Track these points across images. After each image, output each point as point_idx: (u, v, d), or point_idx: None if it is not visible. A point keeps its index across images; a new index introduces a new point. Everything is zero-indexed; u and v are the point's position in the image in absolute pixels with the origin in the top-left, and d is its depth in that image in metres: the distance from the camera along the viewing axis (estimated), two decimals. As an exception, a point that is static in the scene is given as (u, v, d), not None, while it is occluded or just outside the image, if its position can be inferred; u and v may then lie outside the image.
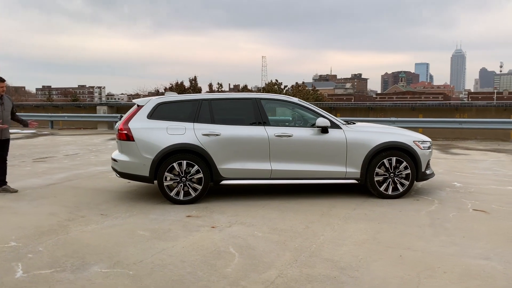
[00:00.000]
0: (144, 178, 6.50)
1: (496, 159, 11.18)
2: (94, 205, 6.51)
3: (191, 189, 6.47)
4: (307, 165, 6.66)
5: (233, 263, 4.25)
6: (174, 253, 4.53)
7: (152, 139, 6.45)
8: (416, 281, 3.86)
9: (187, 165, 6.42)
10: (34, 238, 4.99)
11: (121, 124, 6.55)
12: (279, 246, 4.73)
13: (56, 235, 5.11)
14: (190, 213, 6.03)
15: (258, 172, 6.60)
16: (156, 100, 6.75)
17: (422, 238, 4.97)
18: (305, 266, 4.18)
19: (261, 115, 6.72)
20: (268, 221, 5.62)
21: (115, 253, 4.52)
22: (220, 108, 6.79)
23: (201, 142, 6.44)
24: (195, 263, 4.25)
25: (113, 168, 6.78)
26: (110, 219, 5.76)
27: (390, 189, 6.76)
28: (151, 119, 6.59)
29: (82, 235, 5.12)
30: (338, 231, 5.22)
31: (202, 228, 5.38)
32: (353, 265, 4.19)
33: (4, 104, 7.22)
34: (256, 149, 6.56)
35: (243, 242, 4.84)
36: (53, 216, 5.92)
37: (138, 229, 5.34)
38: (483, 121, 14.29)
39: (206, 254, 4.50)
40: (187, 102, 6.82)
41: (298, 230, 5.27)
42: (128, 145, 6.48)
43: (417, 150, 6.81)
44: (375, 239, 4.94)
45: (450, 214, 5.94)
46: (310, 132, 6.71)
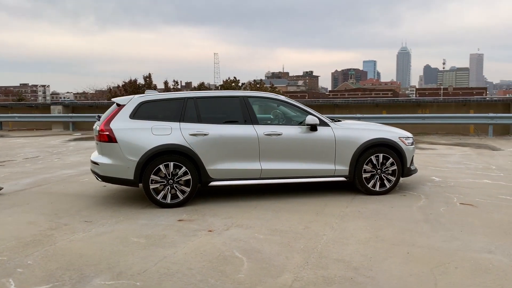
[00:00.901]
0: (128, 181, 6.18)
1: (463, 153, 11.55)
2: (74, 211, 6.13)
3: (179, 191, 6.22)
4: (297, 163, 6.56)
5: (244, 268, 4.08)
6: (178, 260, 4.30)
7: (137, 140, 6.13)
8: (432, 278, 3.84)
9: (174, 166, 6.16)
10: (19, 251, 4.60)
11: (101, 125, 6.19)
12: (284, 248, 4.59)
13: (42, 246, 4.73)
14: (180, 217, 5.78)
15: (247, 172, 6.43)
16: (138, 98, 6.43)
17: (423, 234, 4.99)
18: (318, 268, 4.07)
19: (249, 113, 6.55)
20: (265, 222, 5.48)
21: (114, 263, 4.23)
22: (206, 107, 6.56)
23: (189, 143, 6.20)
24: (203, 270, 4.04)
25: (94, 171, 6.40)
26: (96, 226, 5.41)
27: (377, 186, 6.79)
28: (134, 119, 6.27)
29: (72, 245, 4.78)
30: (339, 230, 5.15)
31: (198, 232, 5.16)
32: (365, 265, 4.12)
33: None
34: (246, 149, 6.39)
35: (246, 246, 4.67)
36: (33, 225, 5.51)
37: (130, 236, 5.05)
38: (445, 116, 14.77)
39: (211, 259, 4.30)
40: (171, 100, 6.54)
41: (298, 231, 5.16)
42: (110, 147, 6.13)
43: (403, 146, 6.88)
44: (378, 237, 4.90)
45: (440, 209, 6.02)
46: (299, 130, 6.61)
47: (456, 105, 16.58)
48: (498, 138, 14.67)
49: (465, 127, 15.51)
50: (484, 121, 14.47)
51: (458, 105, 16.52)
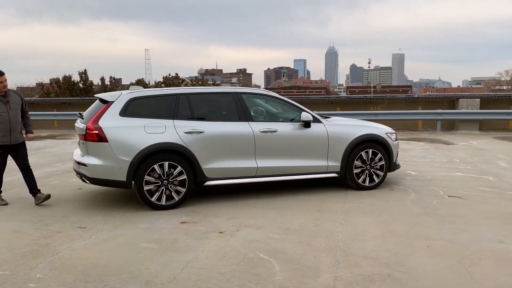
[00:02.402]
0: (120, 183, 5.79)
1: (421, 148, 12.06)
2: (60, 217, 5.65)
3: (174, 192, 5.92)
4: (291, 160, 6.49)
5: (276, 270, 3.94)
6: (203, 265, 4.07)
7: (129, 139, 5.76)
8: (464, 270, 3.92)
9: (169, 166, 5.86)
10: (19, 264, 4.14)
11: (89, 123, 5.74)
12: (307, 247, 4.50)
13: (44, 257, 4.30)
14: (181, 219, 5.51)
15: (243, 170, 6.26)
16: (128, 95, 6.03)
17: (431, 228, 5.11)
18: (351, 266, 4.03)
19: (244, 110, 6.38)
20: (272, 222, 5.36)
21: (135, 272, 3.93)
22: (199, 103, 6.30)
23: (184, 141, 5.92)
24: (236, 274, 3.86)
25: (80, 173, 5.92)
26: (95, 233, 5.02)
27: (367, 181, 6.88)
28: (125, 116, 5.88)
29: (77, 254, 4.38)
30: (350, 226, 5.15)
31: (209, 234, 4.94)
32: (394, 261, 4.14)
33: (10, 103, 6.00)
34: (242, 147, 6.22)
35: (266, 246, 4.53)
36: (21, 234, 5.01)
37: (138, 241, 4.73)
38: (397, 113, 15.37)
39: (239, 263, 4.12)
40: (163, 97, 6.20)
41: (310, 228, 5.09)
42: (100, 146, 5.71)
43: (390, 142, 7.03)
44: (391, 232, 4.95)
45: (433, 202, 6.21)
46: (293, 127, 6.54)
47: (406, 102, 17.32)
48: (446, 132, 15.51)
49: (414, 123, 16.25)
50: (433, 117, 15.24)
51: (407, 102, 17.26)
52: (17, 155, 6.16)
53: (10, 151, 6.11)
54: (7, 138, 5.97)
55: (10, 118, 5.96)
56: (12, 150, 6.12)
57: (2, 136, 5.93)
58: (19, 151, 6.15)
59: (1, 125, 5.90)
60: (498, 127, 15.88)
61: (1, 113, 5.92)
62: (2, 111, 5.92)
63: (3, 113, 5.92)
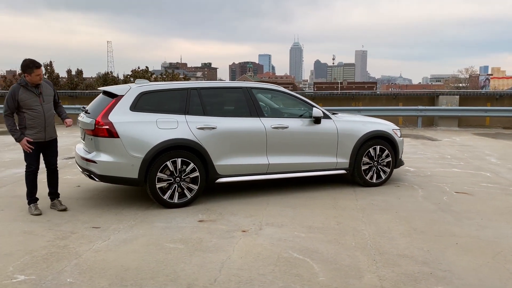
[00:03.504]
0: (132, 180, 5.55)
1: (409, 144, 12.21)
2: (68, 217, 5.37)
3: (186, 190, 5.74)
4: (302, 157, 6.41)
5: (317, 271, 3.86)
6: (240, 266, 3.94)
7: (141, 135, 5.52)
8: (501, 267, 3.95)
9: (181, 163, 5.66)
10: (43, 267, 3.89)
11: (99, 118, 5.46)
12: (338, 246, 4.43)
13: (67, 260, 4.05)
14: (197, 218, 5.34)
15: (255, 167, 6.13)
16: (138, 88, 5.78)
17: (452, 224, 5.14)
18: (390, 265, 3.98)
19: (255, 105, 6.24)
20: (292, 220, 5.26)
21: (172, 275, 3.75)
22: (210, 98, 6.12)
23: (197, 137, 5.73)
24: (277, 275, 3.75)
25: (87, 170, 5.62)
26: (112, 233, 4.78)
27: (374, 177, 6.88)
28: (135, 111, 5.63)
29: (101, 256, 4.15)
30: (372, 224, 5.11)
31: (233, 233, 4.79)
32: (430, 259, 4.12)
33: (43, 94, 5.39)
34: (254, 143, 6.08)
35: (297, 246, 4.43)
36: (34, 235, 4.72)
37: (162, 241, 4.53)
38: (379, 109, 15.52)
39: (275, 263, 4.00)
40: (174, 91, 5.98)
41: (334, 227, 5.02)
42: (110, 142, 5.45)
43: (396, 138, 7.05)
44: (416, 229, 4.95)
45: (443, 198, 6.27)
46: (304, 123, 6.46)
47: (387, 98, 17.56)
48: (427, 129, 15.82)
49: (395, 118, 16.48)
50: (414, 113, 15.51)
51: (388, 98, 17.50)
52: (49, 154, 5.60)
53: (43, 148, 5.48)
54: (41, 134, 5.36)
55: (45, 111, 5.34)
56: (45, 148, 5.49)
57: (36, 132, 5.31)
58: (52, 149, 5.61)
59: (35, 120, 5.27)
60: (476, 124, 16.33)
61: (35, 106, 5.26)
62: (35, 104, 5.27)
63: (37, 107, 5.28)
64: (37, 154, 5.41)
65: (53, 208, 5.62)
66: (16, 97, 5.18)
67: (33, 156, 5.37)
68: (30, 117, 5.25)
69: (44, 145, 5.46)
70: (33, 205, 5.50)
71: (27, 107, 5.21)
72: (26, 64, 5.16)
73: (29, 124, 5.26)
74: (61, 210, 5.54)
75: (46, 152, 5.53)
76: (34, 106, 5.25)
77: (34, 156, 5.38)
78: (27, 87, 5.23)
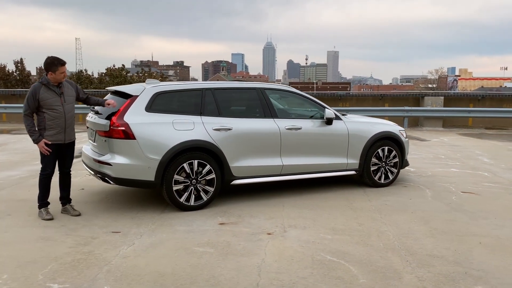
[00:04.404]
0: (148, 183, 5.42)
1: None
2: (82, 221, 5.20)
3: (202, 192, 5.65)
4: (314, 158, 6.41)
5: (356, 273, 3.85)
6: (277, 269, 3.90)
7: (158, 137, 5.40)
8: (530, 266, 4.03)
9: (198, 165, 5.57)
10: (74, 275, 3.75)
11: (114, 118, 5.31)
12: (367, 248, 4.44)
13: (98, 266, 3.92)
14: (217, 220, 5.27)
15: (269, 168, 6.09)
16: (153, 89, 5.65)
17: (469, 224, 5.22)
18: (424, 266, 4.01)
19: (269, 106, 6.21)
20: (313, 222, 5.24)
21: (212, 280, 3.68)
22: (224, 99, 6.04)
23: (213, 138, 5.65)
24: (318, 278, 3.73)
25: (101, 172, 5.45)
26: (135, 238, 4.66)
27: (383, 178, 6.94)
28: (151, 112, 5.50)
29: (132, 262, 4.04)
30: (393, 225, 5.15)
31: (259, 236, 4.75)
32: (460, 258, 4.18)
33: (65, 95, 5.16)
34: (268, 144, 6.04)
35: (327, 248, 4.42)
36: (53, 241, 4.55)
37: (189, 245, 4.45)
38: (366, 110, 15.67)
39: (311, 266, 3.98)
40: (189, 92, 5.88)
41: (357, 228, 5.04)
42: (126, 144, 5.30)
43: (403, 139, 7.13)
44: (437, 229, 5.01)
45: (452, 198, 6.38)
46: (316, 124, 6.46)
47: (373, 99, 17.80)
48: (413, 129, 16.09)
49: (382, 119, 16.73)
50: (400, 114, 15.74)
51: (375, 99, 17.74)
52: (66, 157, 5.38)
53: (61, 151, 5.26)
54: (61, 135, 5.15)
55: (65, 112, 5.13)
56: (63, 151, 5.28)
57: (55, 133, 5.10)
58: (70, 152, 5.39)
59: (55, 120, 5.07)
60: (459, 124, 16.72)
61: (55, 106, 5.06)
62: (56, 104, 5.06)
63: (58, 107, 5.07)
64: (54, 157, 5.21)
65: (65, 213, 5.43)
66: (37, 96, 4.99)
67: (50, 159, 5.18)
68: (50, 118, 5.06)
69: (63, 148, 5.27)
70: (44, 209, 5.31)
71: (47, 106, 5.02)
72: (51, 62, 4.99)
73: (49, 125, 5.07)
74: (75, 216, 5.36)
75: (63, 155, 5.34)
76: (55, 106, 5.06)
77: (51, 159, 5.19)
78: (49, 86, 5.04)
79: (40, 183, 5.28)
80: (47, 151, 5.09)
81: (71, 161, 5.45)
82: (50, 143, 5.10)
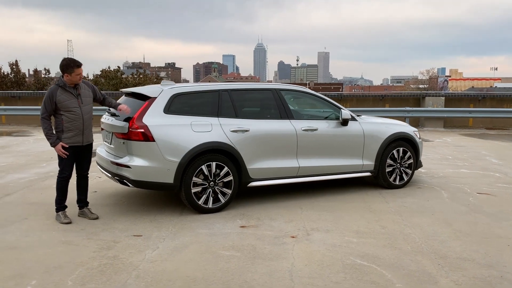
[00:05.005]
0: (167, 185, 5.32)
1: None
2: (101, 224, 5.10)
3: (220, 194, 5.57)
4: (330, 159, 6.35)
5: (390, 277, 3.79)
6: (309, 274, 3.83)
7: (176, 138, 5.31)
8: (563, 269, 4.00)
9: (216, 167, 5.49)
10: (103, 280, 3.66)
11: (133, 120, 5.21)
12: (396, 251, 4.38)
13: (126, 272, 3.83)
14: (237, 223, 5.19)
15: (286, 170, 6.02)
16: (170, 90, 5.56)
17: (492, 225, 5.19)
18: (457, 269, 3.96)
19: (285, 107, 6.13)
20: (335, 224, 5.18)
21: (246, 285, 3.61)
22: (241, 100, 5.96)
23: (231, 140, 5.57)
24: (353, 283, 3.66)
25: (119, 175, 5.34)
26: (158, 241, 4.57)
27: (397, 179, 6.90)
28: (169, 113, 5.41)
29: (160, 266, 3.95)
30: (417, 228, 5.09)
31: (283, 239, 4.67)
32: (492, 261, 4.13)
33: (82, 96, 5.07)
34: (285, 146, 5.98)
35: (354, 251, 4.35)
36: (75, 245, 4.44)
37: (215, 249, 4.36)
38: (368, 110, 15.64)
39: (343, 270, 3.91)
40: (206, 93, 5.79)
41: (380, 231, 4.98)
42: (145, 146, 5.21)
43: (417, 140, 7.09)
44: (461, 231, 4.96)
45: (469, 199, 6.34)
46: (332, 125, 6.39)
47: (374, 99, 17.79)
48: (414, 130, 16.11)
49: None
50: (402, 115, 15.73)
51: (375, 99, 17.73)
52: (84, 160, 5.28)
53: (79, 153, 5.16)
54: (79, 137, 5.06)
55: (83, 114, 5.05)
56: (80, 153, 5.19)
57: (73, 135, 5.00)
58: (87, 155, 5.29)
59: (73, 122, 4.98)
60: (460, 124, 16.76)
61: (73, 108, 4.97)
62: (73, 105, 4.98)
63: (75, 108, 4.99)
64: (72, 160, 5.10)
65: (83, 216, 5.32)
66: (54, 99, 4.88)
67: (68, 162, 5.07)
68: (68, 120, 4.95)
69: (80, 150, 5.16)
70: (61, 213, 5.19)
71: (64, 109, 4.91)
72: (67, 64, 4.87)
73: (67, 127, 4.96)
74: (93, 219, 5.25)
75: (81, 157, 5.23)
76: (72, 108, 4.96)
77: (69, 161, 5.08)
78: (66, 88, 4.94)
79: (58, 186, 5.16)
80: (65, 154, 4.98)
81: (89, 163, 5.34)
82: (68, 146, 4.99)
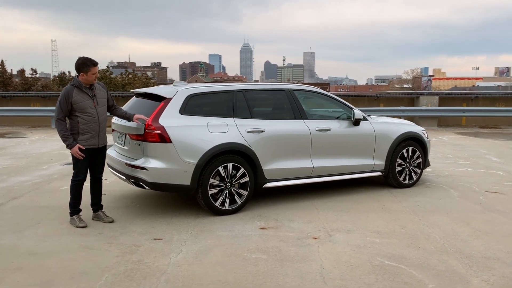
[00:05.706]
0: (184, 187, 5.25)
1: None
2: (119, 228, 5.01)
3: (237, 195, 5.52)
4: (343, 159, 6.34)
5: (421, 278, 3.78)
6: (340, 276, 3.80)
7: (193, 140, 5.24)
8: None
9: (232, 168, 5.43)
10: (133, 286, 3.59)
11: (149, 121, 5.12)
12: (420, 251, 4.38)
13: (154, 277, 3.76)
14: (256, 225, 5.15)
15: (300, 170, 6.00)
16: (185, 91, 5.48)
17: (509, 224, 5.22)
18: (486, 269, 3.97)
19: (298, 107, 6.11)
20: (355, 225, 5.17)
21: (278, 288, 3.56)
22: (255, 101, 5.91)
23: (247, 141, 5.52)
24: (386, 284, 3.65)
25: (135, 177, 5.25)
26: (180, 244, 4.50)
27: (407, 179, 6.92)
28: (185, 114, 5.34)
29: (188, 271, 3.89)
30: (436, 227, 5.10)
31: (306, 241, 4.64)
32: (516, 260, 4.16)
33: (97, 97, 4.95)
34: (299, 146, 5.95)
35: (381, 252, 4.34)
36: (96, 250, 4.35)
37: (239, 252, 4.31)
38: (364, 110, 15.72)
39: (373, 271, 3.90)
40: (221, 93, 5.73)
41: (400, 231, 4.98)
42: (162, 148, 5.13)
43: (425, 139, 7.13)
44: (481, 230, 4.99)
45: (479, 198, 6.39)
46: (344, 125, 6.39)
47: (369, 99, 17.90)
48: (409, 129, 16.24)
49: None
50: (396, 114, 15.80)
51: (370, 99, 17.85)
52: (99, 162, 5.16)
53: (94, 156, 5.06)
54: (95, 140, 4.95)
55: (99, 115, 4.92)
56: (96, 155, 5.08)
57: (89, 137, 4.89)
58: (102, 157, 5.19)
59: (89, 124, 4.86)
60: (453, 124, 16.94)
61: (89, 109, 4.84)
62: (89, 107, 4.85)
63: (91, 110, 4.86)
64: (87, 162, 4.99)
65: (97, 219, 5.22)
66: (70, 99, 4.76)
67: (84, 165, 4.96)
68: (84, 121, 4.84)
69: (96, 152, 5.06)
70: (76, 216, 5.09)
71: (80, 110, 4.80)
72: (83, 62, 4.76)
73: (83, 129, 4.85)
74: (108, 222, 5.15)
75: (96, 159, 5.12)
76: (88, 109, 4.84)
77: (85, 164, 4.97)
78: (81, 88, 4.82)
79: (72, 189, 5.06)
80: (81, 155, 4.87)
81: (103, 166, 5.24)
82: (84, 148, 4.89)
